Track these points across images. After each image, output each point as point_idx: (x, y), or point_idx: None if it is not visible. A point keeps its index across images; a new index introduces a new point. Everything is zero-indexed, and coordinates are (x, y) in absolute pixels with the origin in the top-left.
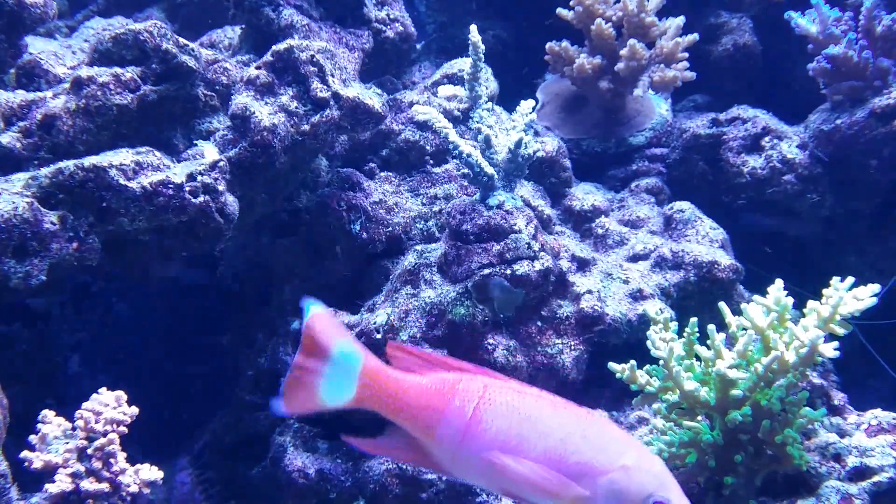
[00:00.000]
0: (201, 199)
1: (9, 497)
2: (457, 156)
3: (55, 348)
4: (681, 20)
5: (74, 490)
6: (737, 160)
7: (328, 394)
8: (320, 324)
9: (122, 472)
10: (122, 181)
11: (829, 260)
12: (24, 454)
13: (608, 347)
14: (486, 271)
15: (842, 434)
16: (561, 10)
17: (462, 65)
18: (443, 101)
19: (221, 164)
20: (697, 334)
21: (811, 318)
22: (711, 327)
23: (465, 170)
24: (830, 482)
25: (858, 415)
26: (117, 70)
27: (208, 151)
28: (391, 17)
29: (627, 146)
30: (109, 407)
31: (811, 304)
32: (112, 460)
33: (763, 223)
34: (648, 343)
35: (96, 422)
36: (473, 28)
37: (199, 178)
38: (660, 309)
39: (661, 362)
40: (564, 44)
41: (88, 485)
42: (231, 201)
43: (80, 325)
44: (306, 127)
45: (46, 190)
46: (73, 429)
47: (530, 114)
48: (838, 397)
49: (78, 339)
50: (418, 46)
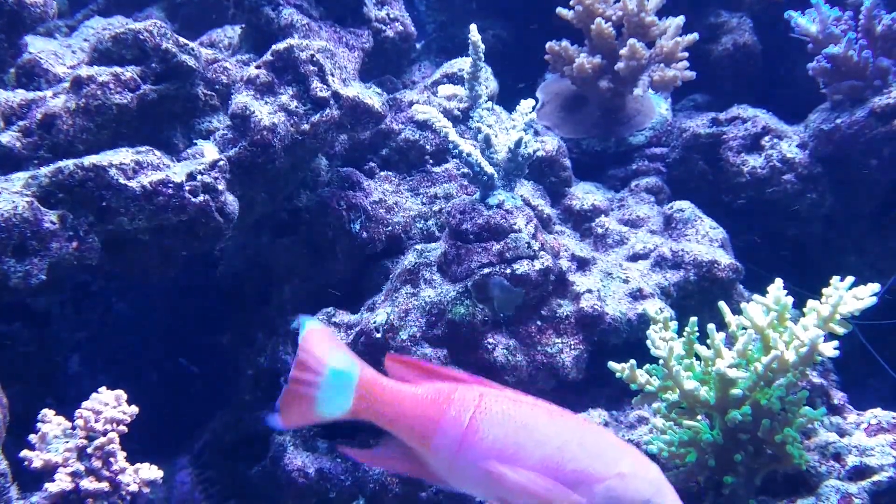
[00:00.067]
0: (201, 198)
1: (8, 496)
2: (457, 155)
3: (55, 348)
4: (681, 20)
5: (74, 489)
6: (737, 160)
7: (325, 406)
8: (316, 338)
9: (122, 471)
10: (121, 180)
11: (828, 259)
12: (24, 453)
13: (608, 347)
14: (486, 270)
15: (841, 433)
16: (561, 10)
17: (462, 64)
18: (443, 101)
19: (221, 163)
20: (697, 333)
21: (811, 318)
22: (711, 326)
23: (465, 169)
24: (830, 481)
25: (858, 414)
26: (117, 69)
27: (208, 151)
28: (391, 16)
29: (627, 146)
30: (109, 406)
31: (811, 303)
32: (112, 459)
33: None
34: (648, 342)
35: (96, 421)
36: (473, 27)
37: (198, 177)
38: (659, 308)
39: (661, 361)
40: (564, 43)
41: (88, 484)
42: (231, 201)
43: (80, 325)
44: (306, 126)
45: (46, 189)
46: (73, 428)
47: (530, 113)
48: (838, 396)
49: (78, 339)
50: (418, 46)
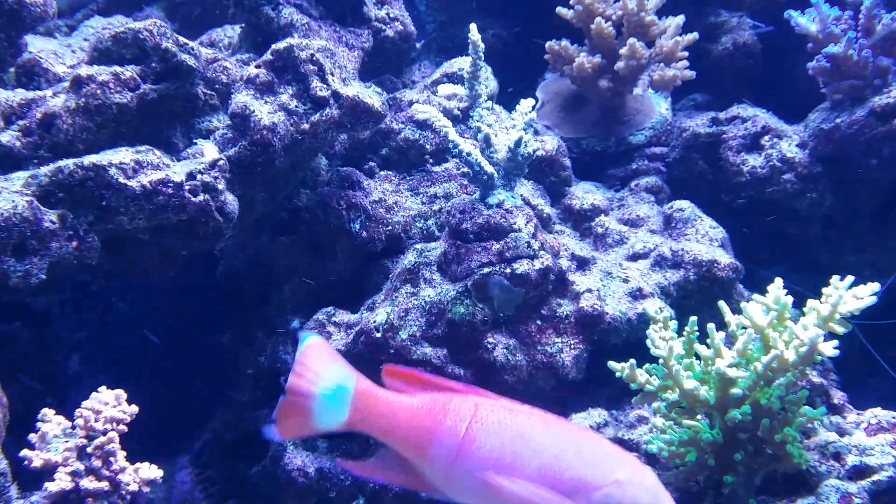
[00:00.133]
0: (201, 197)
1: (8, 496)
2: (456, 154)
3: (55, 348)
4: (680, 19)
5: (74, 489)
6: (736, 159)
7: (320, 418)
8: (314, 351)
9: (122, 470)
10: (121, 180)
11: (828, 259)
12: (24, 453)
13: (608, 346)
14: (486, 270)
15: (841, 433)
16: (561, 9)
17: (462, 63)
18: (442, 100)
19: (221, 162)
20: (697, 333)
21: (811, 317)
22: (711, 326)
23: (465, 169)
24: (830, 481)
25: (858, 414)
26: (117, 69)
27: (208, 150)
28: (391, 15)
29: (627, 145)
30: (109, 406)
31: (811, 302)
32: (112, 459)
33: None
34: (648, 342)
35: (96, 420)
36: (473, 27)
37: (198, 176)
38: (659, 308)
39: (661, 361)
40: (564, 43)
41: (88, 483)
42: (231, 200)
43: (80, 325)
44: (306, 126)
45: (46, 189)
46: (73, 427)
47: (530, 113)
48: (838, 396)
49: (78, 339)
50: (418, 45)
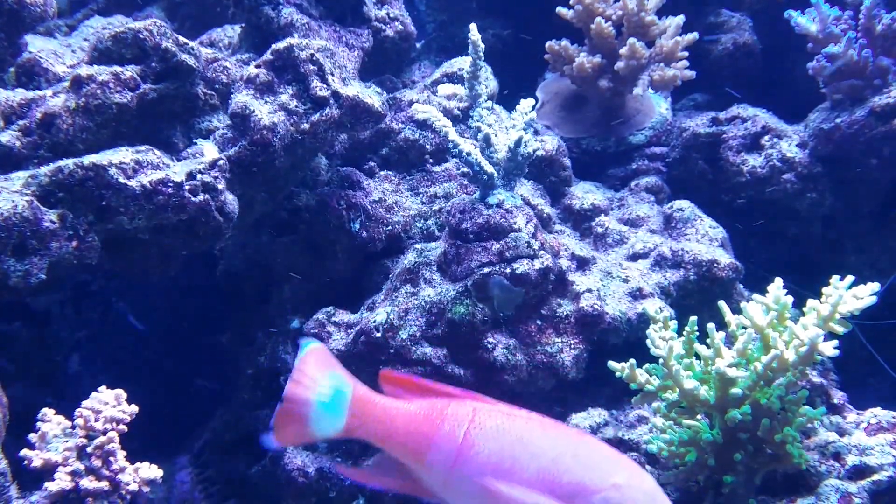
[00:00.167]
0: (201, 197)
1: (8, 495)
2: (456, 154)
3: (55, 347)
4: (680, 19)
5: (74, 488)
6: (736, 159)
7: (318, 425)
8: (313, 358)
9: (122, 470)
10: (121, 180)
11: (829, 259)
12: (24, 452)
13: (608, 346)
14: (486, 270)
15: (841, 433)
16: (560, 9)
17: (462, 63)
18: (442, 100)
19: (221, 162)
20: (697, 333)
21: (811, 317)
22: (711, 326)
23: (465, 168)
24: (830, 481)
25: (858, 413)
26: (117, 69)
27: (208, 150)
28: (391, 15)
29: (627, 145)
30: (109, 405)
31: (811, 302)
32: (112, 459)
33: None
34: (648, 342)
35: (96, 420)
36: (473, 27)
37: (198, 176)
38: (659, 307)
39: (661, 361)
40: (564, 43)
41: (88, 483)
42: (231, 200)
43: (80, 325)
44: (306, 126)
45: (46, 188)
46: (73, 427)
47: (530, 112)
48: (838, 396)
49: (78, 339)
50: (418, 45)
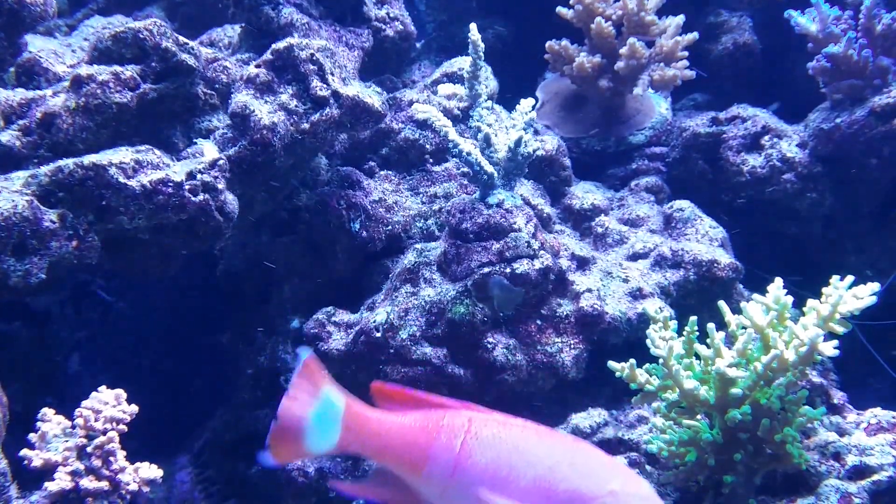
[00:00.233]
0: (201, 197)
1: (8, 495)
2: (456, 154)
3: (55, 347)
4: (680, 19)
5: (74, 488)
6: (736, 159)
7: (312, 441)
8: (307, 373)
9: (122, 470)
10: (121, 179)
11: (828, 259)
12: (24, 452)
13: (608, 346)
14: (486, 270)
15: (841, 433)
16: (561, 9)
17: (462, 63)
18: (442, 100)
19: (221, 162)
20: (697, 333)
21: (811, 317)
22: (711, 326)
23: (465, 168)
24: (830, 481)
25: (858, 414)
26: (117, 68)
27: (208, 150)
28: (391, 15)
29: (627, 145)
30: (109, 405)
31: (811, 302)
32: (112, 458)
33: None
34: (648, 341)
35: (96, 420)
36: (473, 26)
37: (198, 176)
38: (659, 307)
39: (661, 361)
40: (564, 42)
41: (88, 483)
42: (231, 200)
43: (80, 325)
44: (306, 125)
45: (46, 188)
46: (73, 427)
47: (530, 112)
48: (838, 396)
49: (78, 339)
50: (418, 45)
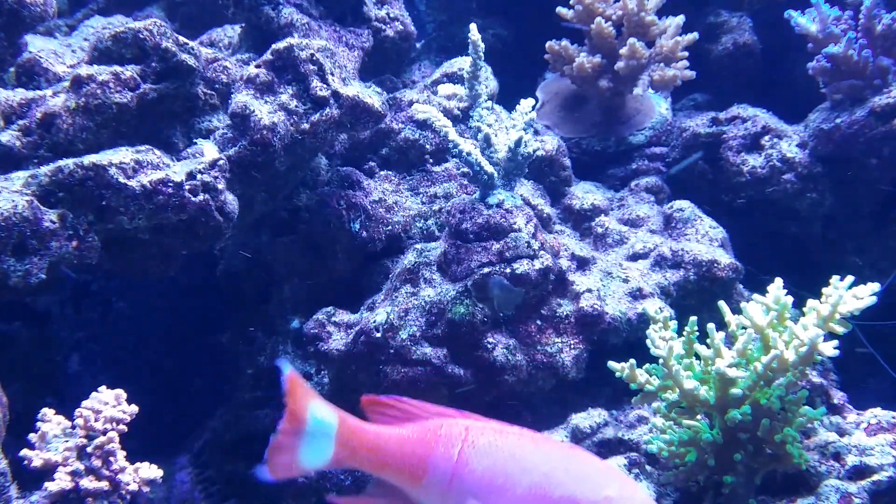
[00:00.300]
0: (201, 197)
1: (8, 495)
2: (456, 154)
3: (55, 347)
4: (680, 19)
5: (74, 488)
6: (736, 159)
7: (307, 458)
8: (293, 386)
9: (122, 470)
10: (121, 179)
11: (828, 259)
12: (24, 452)
13: (608, 346)
14: (486, 270)
15: (841, 433)
16: (561, 9)
17: (462, 63)
18: (442, 100)
19: (221, 162)
20: (697, 333)
21: (811, 317)
22: (711, 326)
23: (465, 168)
24: (830, 481)
25: (858, 414)
26: (117, 68)
27: (208, 150)
28: (391, 15)
29: (627, 145)
30: (109, 405)
31: (811, 302)
32: (112, 458)
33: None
34: (648, 342)
35: (96, 420)
36: (473, 27)
37: (198, 176)
38: (659, 308)
39: (661, 361)
40: (564, 43)
41: (88, 483)
42: (231, 200)
43: (80, 325)
44: (306, 125)
45: (46, 188)
46: (73, 427)
47: (530, 112)
48: (838, 396)
49: (78, 339)
50: (418, 45)
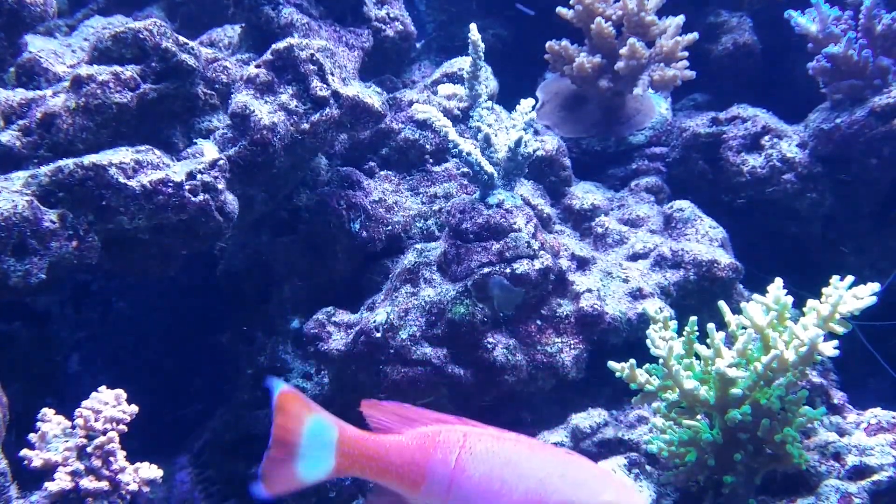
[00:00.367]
0: (201, 197)
1: (8, 495)
2: (456, 154)
3: (55, 347)
4: (680, 19)
5: (74, 488)
6: (736, 159)
7: (306, 470)
8: (287, 401)
9: (122, 470)
10: (121, 179)
11: (828, 259)
12: (24, 452)
13: (608, 346)
14: (486, 270)
15: (841, 433)
16: (561, 9)
17: (462, 63)
18: (442, 100)
19: (221, 162)
20: (697, 333)
21: (811, 317)
22: (711, 326)
23: (465, 168)
24: (830, 481)
25: (858, 414)
26: (117, 68)
27: (208, 150)
28: (391, 15)
29: (627, 145)
30: (109, 405)
31: (811, 302)
32: (112, 459)
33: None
34: (648, 342)
35: (96, 420)
36: (473, 27)
37: (198, 176)
38: (659, 308)
39: (661, 361)
40: (564, 43)
41: (88, 483)
42: (231, 200)
43: (80, 325)
44: (306, 125)
45: (46, 188)
46: (73, 427)
47: (530, 112)
48: (838, 396)
49: (78, 339)
50: (418, 45)
